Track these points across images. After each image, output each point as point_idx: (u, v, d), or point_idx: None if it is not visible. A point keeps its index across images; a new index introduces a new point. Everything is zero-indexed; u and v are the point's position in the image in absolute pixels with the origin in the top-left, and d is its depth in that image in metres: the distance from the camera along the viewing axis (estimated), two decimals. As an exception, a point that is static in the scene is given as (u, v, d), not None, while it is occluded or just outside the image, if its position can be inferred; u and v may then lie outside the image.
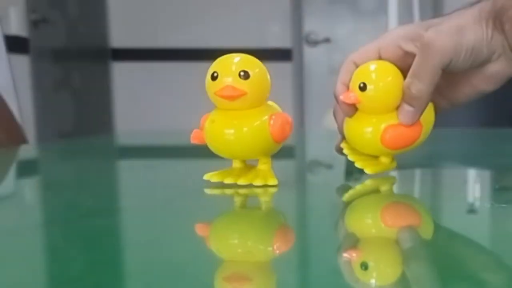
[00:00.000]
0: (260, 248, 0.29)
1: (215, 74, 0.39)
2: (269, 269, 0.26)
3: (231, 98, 0.39)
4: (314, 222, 0.36)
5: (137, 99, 3.10)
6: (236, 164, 0.43)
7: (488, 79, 0.46)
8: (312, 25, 3.06)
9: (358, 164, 0.45)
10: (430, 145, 0.81)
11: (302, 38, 3.07)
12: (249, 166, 0.43)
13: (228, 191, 0.41)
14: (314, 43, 3.07)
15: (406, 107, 0.43)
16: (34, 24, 2.42)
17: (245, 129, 0.40)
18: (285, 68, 3.00)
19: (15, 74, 2.11)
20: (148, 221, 0.35)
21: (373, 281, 0.24)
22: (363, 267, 0.25)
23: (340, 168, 0.49)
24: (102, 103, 3.06)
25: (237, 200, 0.40)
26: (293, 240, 0.31)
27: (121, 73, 3.11)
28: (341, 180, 0.49)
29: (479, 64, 0.45)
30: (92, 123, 2.94)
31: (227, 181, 0.41)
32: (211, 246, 0.30)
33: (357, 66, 0.45)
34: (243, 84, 0.39)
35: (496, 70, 0.45)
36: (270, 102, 0.42)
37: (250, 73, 0.39)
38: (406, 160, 0.53)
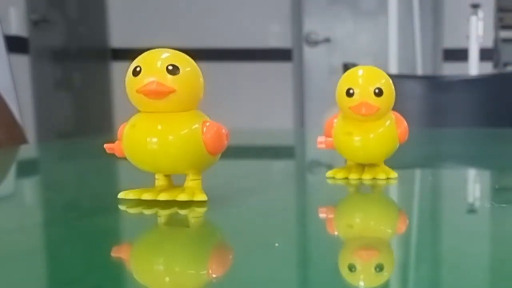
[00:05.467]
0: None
1: (138, 69, 0.33)
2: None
3: (156, 95, 0.32)
4: (312, 222, 0.36)
5: (137, 99, 3.10)
6: (160, 181, 0.37)
7: None
8: (312, 25, 3.06)
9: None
10: (430, 145, 0.81)
11: (302, 38, 3.07)
12: (175, 185, 0.37)
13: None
14: (314, 43, 3.07)
15: None
16: (34, 24, 2.42)
17: (170, 137, 0.33)
18: (285, 68, 3.00)
19: (15, 74, 2.11)
20: (148, 221, 0.35)
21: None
22: (378, 269, 0.25)
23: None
24: (102, 103, 3.06)
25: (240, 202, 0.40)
26: (295, 237, 0.31)
27: (121, 73, 3.10)
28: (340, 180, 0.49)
29: None
30: (92, 123, 2.94)
31: (145, 197, 0.36)
32: (213, 250, 0.30)
33: None
34: (171, 81, 0.32)
35: None
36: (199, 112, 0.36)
37: (180, 68, 0.33)
38: (406, 160, 0.53)
